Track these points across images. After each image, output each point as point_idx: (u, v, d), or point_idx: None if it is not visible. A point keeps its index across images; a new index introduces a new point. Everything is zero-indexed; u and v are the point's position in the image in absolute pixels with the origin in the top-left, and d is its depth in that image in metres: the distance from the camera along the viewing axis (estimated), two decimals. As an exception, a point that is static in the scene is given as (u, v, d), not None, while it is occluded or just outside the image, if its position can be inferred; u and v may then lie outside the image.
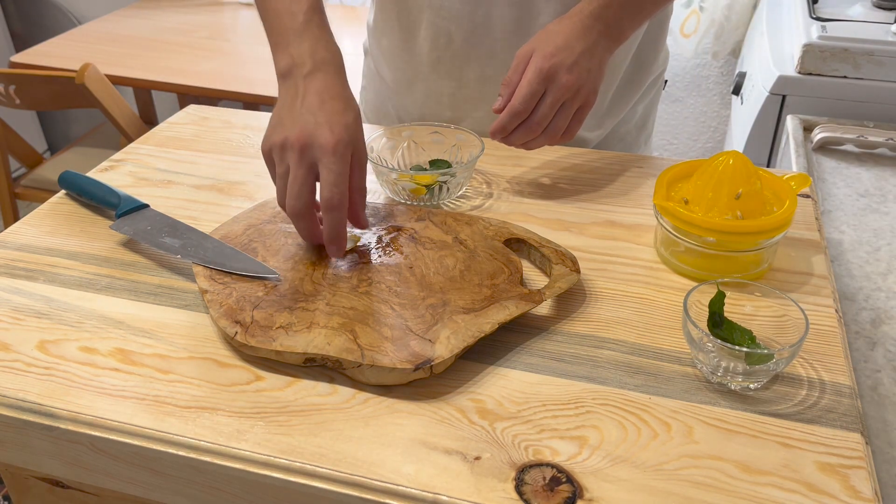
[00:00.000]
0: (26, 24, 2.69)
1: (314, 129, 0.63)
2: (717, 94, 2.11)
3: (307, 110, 0.65)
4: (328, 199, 0.61)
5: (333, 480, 0.48)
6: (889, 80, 1.15)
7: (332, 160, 0.62)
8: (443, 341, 0.56)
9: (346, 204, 0.62)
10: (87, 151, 2.08)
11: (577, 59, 0.71)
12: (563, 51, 0.71)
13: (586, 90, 0.72)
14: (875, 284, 0.78)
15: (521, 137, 0.73)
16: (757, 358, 0.53)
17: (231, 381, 0.56)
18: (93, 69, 1.67)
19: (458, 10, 0.85)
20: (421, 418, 0.52)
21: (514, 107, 0.71)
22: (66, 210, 0.77)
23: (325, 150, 0.62)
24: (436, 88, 0.92)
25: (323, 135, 0.62)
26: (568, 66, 0.70)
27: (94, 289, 0.65)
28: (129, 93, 2.35)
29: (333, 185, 0.61)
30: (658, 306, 0.63)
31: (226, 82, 1.80)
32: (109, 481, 0.55)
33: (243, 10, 2.27)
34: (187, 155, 0.88)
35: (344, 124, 0.63)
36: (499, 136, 0.73)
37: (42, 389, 0.55)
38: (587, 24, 0.72)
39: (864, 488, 0.47)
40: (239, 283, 0.62)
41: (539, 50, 0.71)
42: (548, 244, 0.67)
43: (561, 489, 0.47)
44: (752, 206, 0.65)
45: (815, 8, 1.30)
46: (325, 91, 0.66)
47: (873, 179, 0.99)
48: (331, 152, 0.62)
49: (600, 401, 0.54)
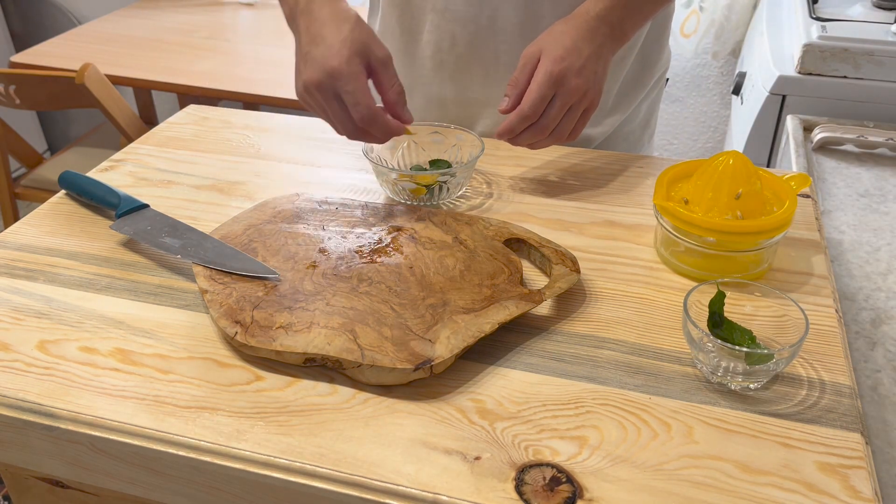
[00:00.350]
0: (26, 24, 2.69)
1: (321, 64, 0.68)
2: (717, 94, 2.11)
3: (309, 46, 0.70)
4: (359, 119, 0.68)
5: (333, 480, 0.48)
6: (889, 80, 1.15)
7: (345, 82, 0.67)
8: (443, 341, 0.56)
9: (376, 112, 0.68)
10: (87, 151, 2.07)
11: (585, 63, 0.71)
12: (572, 54, 0.71)
13: (593, 93, 0.73)
14: (875, 284, 0.78)
15: (528, 139, 0.74)
16: (757, 358, 0.53)
17: (231, 381, 0.56)
18: (93, 69, 1.67)
19: (464, 12, 0.85)
20: (421, 418, 0.52)
21: (524, 111, 0.71)
22: (67, 210, 0.77)
23: (336, 77, 0.67)
24: (438, 93, 0.92)
25: (328, 65, 0.67)
26: (577, 70, 0.71)
27: (94, 289, 0.65)
28: (129, 93, 2.35)
29: (355, 105, 0.67)
30: (658, 306, 0.63)
31: (226, 82, 1.80)
32: (109, 481, 0.55)
33: (243, 10, 2.27)
34: (187, 155, 0.88)
35: (342, 42, 0.68)
36: (506, 137, 0.74)
37: (42, 389, 0.55)
38: (593, 26, 0.73)
39: (864, 488, 0.47)
40: (239, 283, 0.62)
41: (548, 52, 0.71)
42: (548, 244, 0.67)
43: (561, 489, 0.47)
44: (752, 206, 0.65)
45: (815, 8, 1.30)
46: (318, 21, 0.70)
47: (873, 179, 0.99)
48: (340, 77, 0.67)
49: (600, 401, 0.54)
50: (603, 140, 0.96)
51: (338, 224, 0.70)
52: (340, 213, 0.72)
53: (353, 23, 0.69)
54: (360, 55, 0.68)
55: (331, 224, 0.70)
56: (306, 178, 0.83)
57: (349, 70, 0.67)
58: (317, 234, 0.69)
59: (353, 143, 0.90)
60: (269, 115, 0.98)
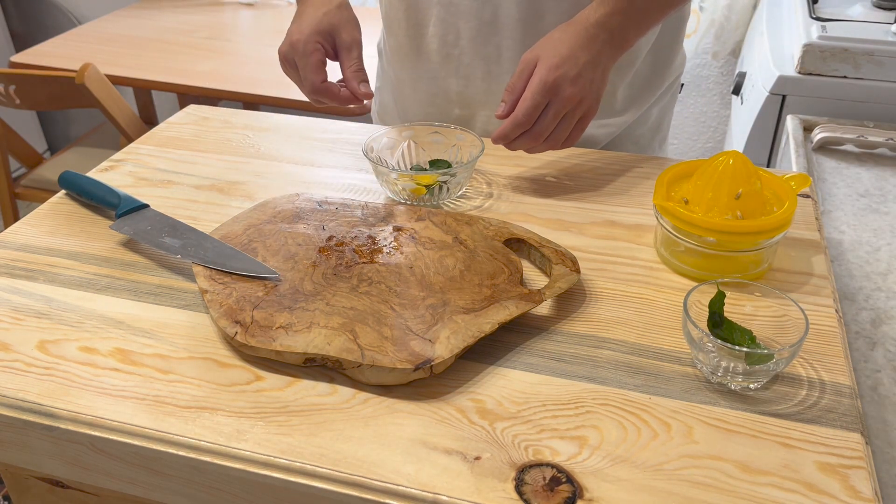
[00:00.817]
0: (26, 24, 2.69)
1: (288, 38, 0.82)
2: (717, 94, 2.11)
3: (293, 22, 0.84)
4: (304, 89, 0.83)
5: (333, 480, 0.48)
6: (889, 80, 1.15)
7: (299, 57, 0.81)
8: (443, 341, 0.56)
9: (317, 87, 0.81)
10: (87, 151, 2.07)
11: (581, 71, 0.71)
12: (568, 62, 0.71)
13: (588, 101, 0.73)
14: (875, 284, 0.78)
15: (522, 145, 0.76)
16: (757, 358, 0.53)
17: (231, 381, 0.56)
18: (93, 69, 1.67)
19: (468, 6, 0.86)
20: (421, 418, 0.52)
21: (517, 118, 0.72)
22: (67, 210, 0.77)
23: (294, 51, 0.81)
24: (443, 88, 0.93)
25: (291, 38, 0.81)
26: (572, 79, 0.71)
27: (94, 289, 0.65)
28: (129, 93, 2.35)
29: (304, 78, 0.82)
30: (658, 306, 0.63)
31: (226, 82, 1.80)
32: (109, 481, 0.55)
33: (243, 10, 2.27)
34: (187, 155, 0.88)
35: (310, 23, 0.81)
36: (501, 142, 0.75)
37: (42, 389, 0.55)
38: (592, 34, 0.73)
39: (864, 488, 0.47)
40: (239, 283, 0.62)
41: (543, 59, 0.72)
42: (548, 244, 0.67)
43: (561, 489, 0.47)
44: (752, 206, 0.65)
45: (815, 8, 1.30)
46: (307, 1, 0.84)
47: (873, 179, 0.99)
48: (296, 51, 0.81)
49: (600, 401, 0.54)
50: (609, 142, 0.96)
51: (338, 224, 0.70)
52: (340, 213, 0.72)
53: (332, 7, 0.81)
54: (323, 35, 0.80)
55: (331, 224, 0.70)
56: (306, 178, 0.83)
57: (304, 48, 0.80)
58: (317, 234, 0.69)
59: (353, 144, 0.90)
60: (270, 115, 0.98)
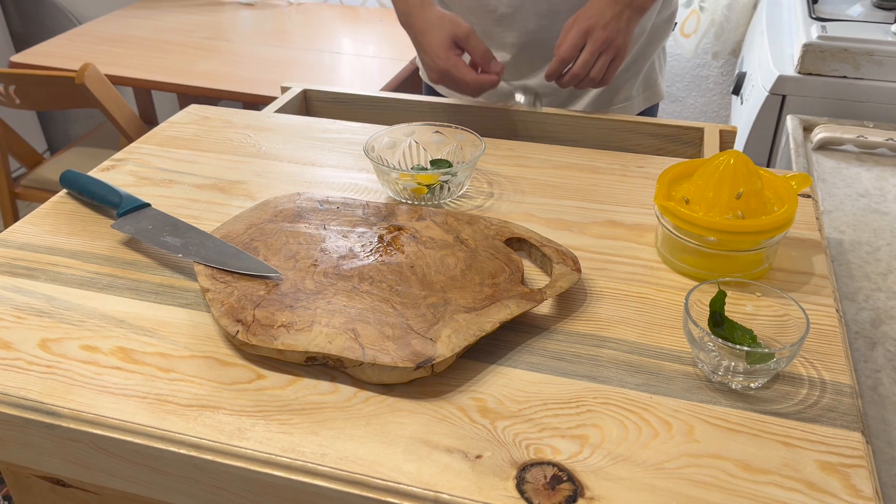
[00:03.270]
0: (26, 24, 2.69)
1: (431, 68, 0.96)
2: (717, 94, 2.12)
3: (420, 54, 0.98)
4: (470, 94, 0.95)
5: (335, 479, 0.49)
6: (889, 80, 1.15)
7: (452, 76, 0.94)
8: (444, 340, 0.56)
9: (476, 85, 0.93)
10: (87, 151, 2.08)
11: (609, 21, 0.91)
12: (598, 14, 0.91)
13: (617, 43, 0.91)
14: (875, 284, 0.78)
15: (570, 81, 0.93)
16: (758, 357, 0.53)
17: (233, 380, 0.56)
18: (93, 69, 1.67)
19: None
20: (422, 417, 0.53)
21: (560, 54, 0.92)
22: (68, 209, 0.78)
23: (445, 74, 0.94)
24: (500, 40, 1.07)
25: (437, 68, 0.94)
26: (603, 24, 0.91)
27: (95, 287, 0.65)
28: (129, 93, 2.36)
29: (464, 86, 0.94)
30: (659, 305, 0.63)
31: (226, 82, 1.80)
32: (111, 480, 0.55)
33: (243, 10, 2.27)
34: (188, 154, 0.88)
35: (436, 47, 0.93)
36: (552, 78, 0.94)
37: (43, 388, 0.55)
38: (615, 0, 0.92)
39: (865, 487, 0.47)
40: (240, 282, 0.62)
41: (579, 17, 0.92)
42: (549, 243, 0.68)
43: (562, 488, 0.47)
44: (753, 206, 0.65)
45: (815, 8, 1.30)
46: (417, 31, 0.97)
47: (873, 179, 0.99)
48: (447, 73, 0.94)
49: (601, 400, 0.54)
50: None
51: (339, 223, 0.70)
52: (342, 213, 0.72)
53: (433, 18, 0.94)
54: (448, 46, 0.93)
55: (332, 223, 0.70)
56: (307, 177, 0.83)
57: (446, 65, 0.93)
58: (318, 233, 0.69)
59: (354, 143, 0.90)
60: (270, 115, 0.99)
